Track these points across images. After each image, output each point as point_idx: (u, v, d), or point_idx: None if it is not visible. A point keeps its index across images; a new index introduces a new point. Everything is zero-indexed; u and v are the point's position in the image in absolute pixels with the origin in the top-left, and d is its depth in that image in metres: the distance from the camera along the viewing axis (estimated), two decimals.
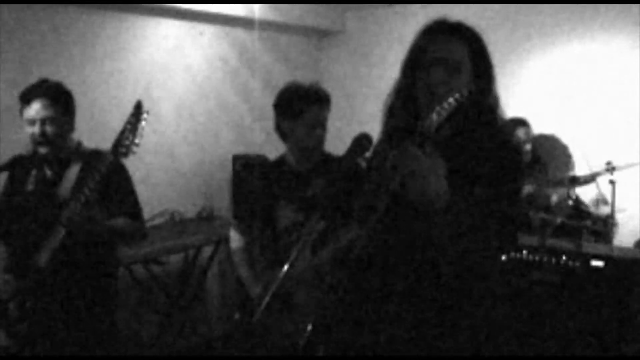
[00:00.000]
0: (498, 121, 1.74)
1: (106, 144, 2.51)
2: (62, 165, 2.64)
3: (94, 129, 3.52)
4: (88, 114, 3.79)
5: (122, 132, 2.39)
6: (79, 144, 2.70)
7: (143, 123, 2.39)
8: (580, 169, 4.41)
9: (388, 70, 2.14)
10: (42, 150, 2.58)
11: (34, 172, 2.65)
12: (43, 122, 2.54)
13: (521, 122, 4.30)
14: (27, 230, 2.58)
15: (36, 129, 2.54)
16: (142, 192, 2.81)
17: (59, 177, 2.62)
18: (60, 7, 4.13)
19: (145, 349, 4.23)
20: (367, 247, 1.76)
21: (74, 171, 2.61)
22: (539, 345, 3.33)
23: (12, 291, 2.51)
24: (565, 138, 4.57)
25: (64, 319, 2.53)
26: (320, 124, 2.54)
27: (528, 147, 4.27)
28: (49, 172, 2.65)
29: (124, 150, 2.37)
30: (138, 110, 2.41)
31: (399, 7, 5.33)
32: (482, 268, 1.67)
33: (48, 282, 2.47)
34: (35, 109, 2.53)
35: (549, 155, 4.49)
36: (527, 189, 4.20)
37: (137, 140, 2.38)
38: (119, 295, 2.78)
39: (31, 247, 2.51)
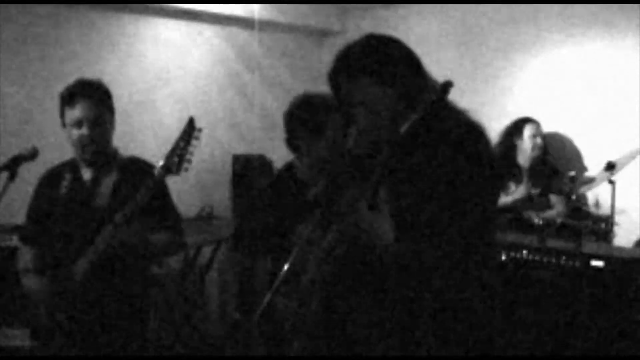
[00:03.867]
0: (454, 122, 1.66)
1: None
2: (99, 171, 2.54)
3: None
4: None
5: (174, 149, 2.33)
6: (116, 150, 2.61)
7: (195, 141, 2.33)
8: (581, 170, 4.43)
9: None
10: (87, 153, 2.48)
11: (67, 175, 2.54)
12: (92, 123, 2.44)
13: (528, 119, 4.32)
14: (61, 235, 2.49)
15: (84, 130, 2.43)
16: None
17: (95, 183, 2.53)
18: (60, 7, 4.14)
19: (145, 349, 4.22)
20: (347, 247, 1.76)
21: (111, 179, 2.52)
22: (539, 345, 3.33)
23: (45, 295, 2.44)
24: None
25: (93, 330, 2.44)
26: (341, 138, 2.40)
27: (538, 141, 4.28)
28: (85, 177, 2.55)
29: (175, 167, 2.32)
30: (191, 126, 2.34)
31: (399, 7, 5.32)
32: (458, 283, 1.61)
33: (82, 295, 2.40)
34: (82, 109, 2.43)
35: (560, 155, 4.50)
36: (525, 191, 4.20)
37: (189, 157, 2.32)
38: (150, 311, 2.67)
39: (65, 254, 2.44)
